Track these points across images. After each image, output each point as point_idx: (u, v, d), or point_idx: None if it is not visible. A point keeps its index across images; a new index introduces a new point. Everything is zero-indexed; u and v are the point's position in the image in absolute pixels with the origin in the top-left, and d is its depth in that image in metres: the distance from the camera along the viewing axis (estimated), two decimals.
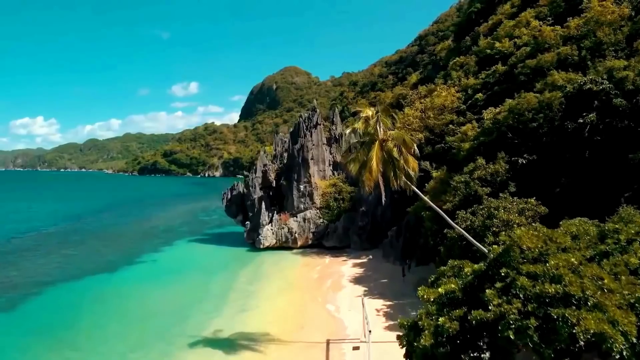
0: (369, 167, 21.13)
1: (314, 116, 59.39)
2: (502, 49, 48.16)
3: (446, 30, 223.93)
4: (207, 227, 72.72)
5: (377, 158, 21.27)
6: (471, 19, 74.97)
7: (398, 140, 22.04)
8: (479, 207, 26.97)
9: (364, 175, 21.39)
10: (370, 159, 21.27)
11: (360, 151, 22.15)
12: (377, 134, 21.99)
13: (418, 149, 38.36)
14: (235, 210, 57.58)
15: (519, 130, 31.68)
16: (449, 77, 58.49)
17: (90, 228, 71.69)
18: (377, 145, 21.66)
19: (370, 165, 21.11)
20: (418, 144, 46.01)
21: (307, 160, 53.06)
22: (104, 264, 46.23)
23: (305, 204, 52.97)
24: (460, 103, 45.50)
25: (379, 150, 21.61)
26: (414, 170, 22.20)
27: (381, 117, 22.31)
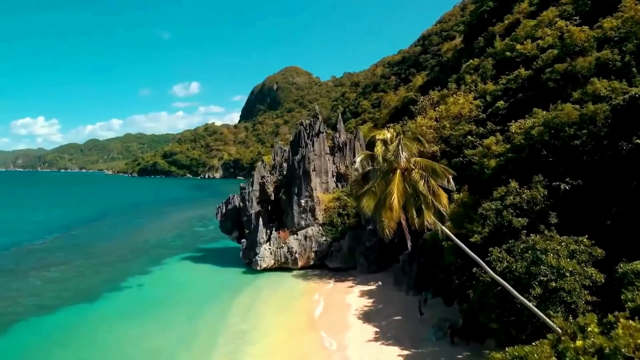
0: (389, 204, 16.60)
1: (316, 123, 54.88)
2: (524, 51, 43.57)
3: (450, 30, 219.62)
4: (201, 240, 68.23)
5: (398, 192, 16.74)
6: (483, 18, 70.35)
7: (426, 170, 17.52)
8: (517, 245, 22.44)
9: (382, 215, 16.87)
10: (391, 194, 16.73)
11: (376, 183, 17.62)
12: (399, 161, 17.47)
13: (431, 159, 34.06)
14: (231, 226, 53.07)
15: (556, 148, 27.13)
16: (462, 81, 53.93)
17: (79, 242, 67.24)
18: (398, 176, 17.13)
19: (390, 202, 16.56)
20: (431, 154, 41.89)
21: (308, 172, 48.53)
22: (85, 290, 41.75)
23: (306, 220, 48.44)
24: (479, 111, 40.92)
25: (401, 182, 17.09)
26: (445, 207, 17.68)
27: (404, 140, 17.78)
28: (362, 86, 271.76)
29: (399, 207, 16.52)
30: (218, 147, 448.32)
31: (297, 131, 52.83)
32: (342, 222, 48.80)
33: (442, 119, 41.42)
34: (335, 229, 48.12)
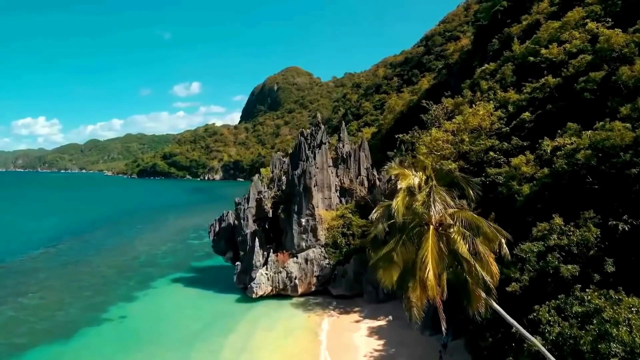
0: (420, 277, 12.21)
1: (318, 133, 50.46)
2: (550, 56, 39.09)
3: (454, 31, 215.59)
4: (194, 257, 63.80)
5: (433, 260, 12.34)
6: (496, 18, 65.89)
7: (470, 228, 13.10)
8: (571, 302, 18.04)
9: (411, 291, 12.48)
10: (422, 260, 12.35)
11: (399, 245, 13.17)
12: (431, 215, 13.07)
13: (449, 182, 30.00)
14: (225, 247, 48.60)
15: (606, 176, 22.71)
16: (477, 87, 49.45)
17: (64, 258, 62.86)
18: (431, 236, 12.74)
19: (423, 276, 12.15)
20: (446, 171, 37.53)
21: (309, 188, 44.09)
22: (61, 323, 37.40)
23: (307, 241, 44.01)
24: (501, 124, 36.44)
25: (435, 244, 12.70)
26: (495, 278, 13.23)
27: (437, 189, 13.35)
28: (364, 87, 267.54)
29: (435, 283, 12.06)
30: (218, 148, 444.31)
31: (297, 142, 48.38)
32: (347, 242, 44.38)
33: (459, 132, 36.95)
34: (339, 251, 43.71)
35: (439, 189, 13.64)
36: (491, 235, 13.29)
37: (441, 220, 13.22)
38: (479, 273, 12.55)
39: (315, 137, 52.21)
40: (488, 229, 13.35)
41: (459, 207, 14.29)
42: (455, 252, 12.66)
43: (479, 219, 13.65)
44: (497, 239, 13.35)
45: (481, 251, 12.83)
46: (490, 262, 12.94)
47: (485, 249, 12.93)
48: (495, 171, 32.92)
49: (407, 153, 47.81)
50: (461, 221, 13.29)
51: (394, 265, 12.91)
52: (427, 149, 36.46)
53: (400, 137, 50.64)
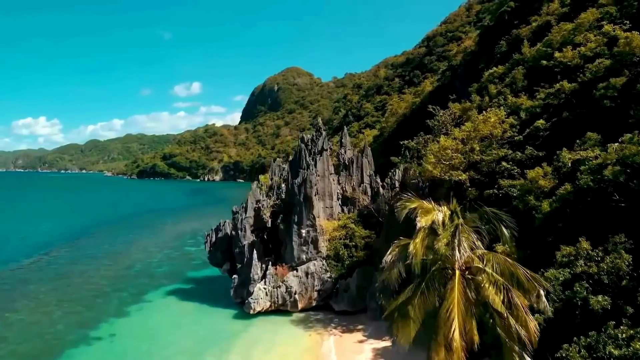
0: (445, 335, 10.15)
1: (319, 139, 48.40)
2: (565, 60, 37.00)
3: (455, 31, 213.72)
4: (191, 265, 61.76)
5: (459, 313, 10.30)
6: (503, 19, 63.82)
7: (504, 274, 11.02)
8: (604, 341, 15.98)
9: (432, 352, 10.42)
10: (447, 315, 10.29)
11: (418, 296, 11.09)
12: (456, 259, 11.01)
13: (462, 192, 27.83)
14: (221, 258, 46.57)
15: (635, 194, 20.65)
16: (485, 92, 47.43)
17: (56, 268, 60.83)
18: (457, 283, 10.69)
19: (446, 331, 10.12)
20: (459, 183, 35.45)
21: (310, 198, 42.03)
22: (46, 344, 35.31)
23: (308, 253, 41.95)
24: (514, 132, 34.36)
25: (462, 294, 10.64)
26: (534, 336, 11.11)
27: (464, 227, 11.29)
28: (365, 88, 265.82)
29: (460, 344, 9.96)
30: (218, 149, 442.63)
31: (297, 149, 46.28)
32: (350, 254, 42.33)
33: (469, 140, 34.87)
34: (341, 264, 41.66)
35: (466, 227, 11.62)
36: (527, 285, 11.20)
37: (468, 264, 11.21)
38: (514, 328, 10.52)
39: (316, 142, 50.15)
40: (524, 277, 11.28)
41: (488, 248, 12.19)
42: (486, 304, 10.66)
43: (513, 264, 11.59)
44: (535, 290, 11.24)
45: (517, 304, 10.77)
46: (528, 318, 10.88)
47: (522, 301, 10.86)
48: (509, 183, 30.85)
49: (413, 160, 45.78)
50: (492, 265, 11.26)
51: (411, 321, 10.87)
52: (435, 158, 34.36)
53: (405, 143, 48.54)
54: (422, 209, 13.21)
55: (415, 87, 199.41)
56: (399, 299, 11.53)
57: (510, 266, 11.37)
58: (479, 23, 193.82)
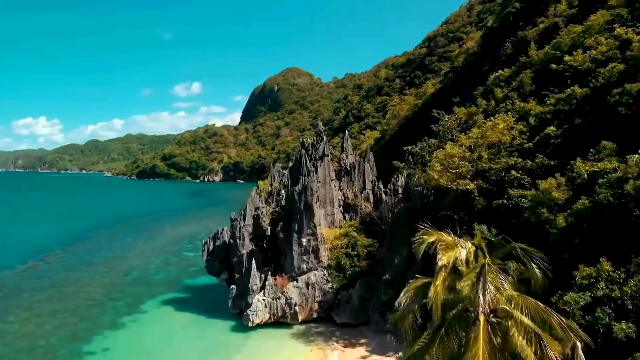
0: None
1: (320, 144, 47.09)
2: (575, 64, 35.66)
3: (456, 32, 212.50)
4: (188, 272, 60.41)
5: None
6: (507, 20, 62.43)
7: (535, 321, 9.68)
8: None
9: None
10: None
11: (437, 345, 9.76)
12: (481, 303, 9.67)
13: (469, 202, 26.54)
14: (219, 267, 45.19)
15: None
16: (491, 96, 46.08)
17: (51, 275, 59.51)
18: (481, 331, 9.37)
19: None
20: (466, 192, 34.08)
21: (311, 205, 40.68)
22: (38, 357, 34.04)
23: (308, 263, 40.60)
24: (523, 139, 33.01)
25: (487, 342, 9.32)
26: None
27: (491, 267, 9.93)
28: (365, 89, 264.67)
29: None
30: (218, 150, 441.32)
31: (298, 155, 44.91)
32: (352, 264, 40.98)
33: (476, 147, 33.52)
34: (343, 274, 40.30)
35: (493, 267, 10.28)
36: (562, 334, 9.87)
37: (495, 306, 9.90)
38: None
39: (316, 147, 48.88)
40: (557, 325, 9.93)
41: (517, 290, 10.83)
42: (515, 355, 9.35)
43: (546, 310, 10.22)
44: (570, 341, 9.91)
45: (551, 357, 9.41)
46: None
47: (556, 354, 9.51)
48: (519, 193, 29.51)
49: (417, 166, 44.43)
50: (521, 309, 9.92)
51: None
52: (441, 166, 33.02)
53: (409, 149, 47.20)
54: (442, 242, 11.85)
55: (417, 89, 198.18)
56: (415, 347, 10.20)
57: (543, 312, 10.00)
58: (480, 23, 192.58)
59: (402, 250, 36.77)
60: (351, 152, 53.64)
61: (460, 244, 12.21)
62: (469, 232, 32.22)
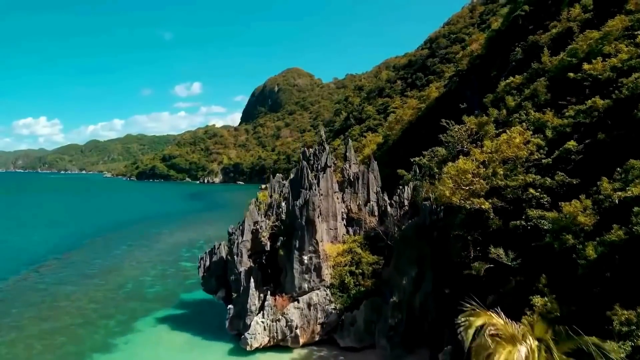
0: None
1: (323, 155, 44.96)
2: (595, 73, 33.46)
3: (459, 33, 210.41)
4: (185, 285, 58.17)
5: None
6: (516, 24, 60.21)
7: None
8: None
9: None
10: None
11: None
12: None
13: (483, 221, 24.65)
14: (216, 285, 43.02)
15: None
16: (502, 104, 43.85)
17: (44, 287, 57.42)
18: None
19: None
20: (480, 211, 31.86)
21: (313, 221, 38.48)
22: None
23: (310, 282, 38.41)
24: (541, 154, 30.80)
25: None
26: None
27: None
28: (367, 90, 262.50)
29: None
30: (218, 151, 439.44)
31: (299, 167, 42.67)
32: (356, 283, 38.81)
33: (491, 163, 31.33)
34: (347, 294, 38.12)
35: None
36: None
37: None
38: None
39: (318, 157, 46.79)
40: None
41: None
42: None
43: None
44: None
45: None
46: None
47: None
48: (538, 214, 27.30)
49: (425, 179, 42.24)
50: None
51: None
52: (453, 182, 30.83)
53: (416, 160, 45.00)
54: (492, 326, 9.63)
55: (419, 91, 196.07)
56: None
57: None
58: (482, 25, 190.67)
59: (410, 271, 34.64)
60: (354, 162, 51.43)
61: (516, 335, 9.94)
62: (483, 254, 30.18)
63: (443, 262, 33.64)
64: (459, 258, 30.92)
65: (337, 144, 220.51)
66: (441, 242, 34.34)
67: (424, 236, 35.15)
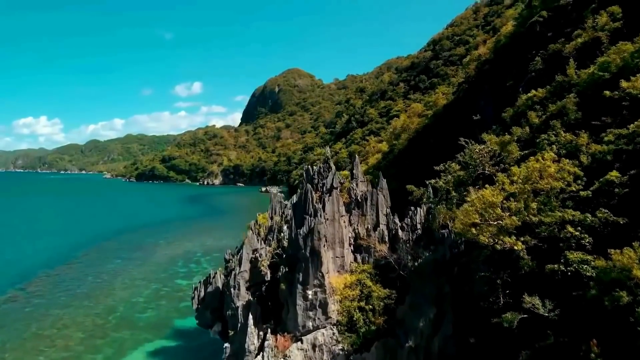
0: None
1: (329, 175, 41.28)
2: (635, 92, 29.81)
3: (462, 35, 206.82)
4: (179, 310, 54.49)
5: None
6: (534, 31, 56.53)
7: None
8: None
9: None
10: None
11: None
12: None
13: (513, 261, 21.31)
14: (211, 318, 39.42)
15: None
16: (524, 120, 40.21)
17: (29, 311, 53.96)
18: None
19: None
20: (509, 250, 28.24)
21: (318, 252, 34.85)
22: None
23: (315, 319, 34.78)
24: (579, 184, 27.11)
25: None
26: None
27: None
28: (369, 93, 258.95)
29: None
30: (218, 152, 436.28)
31: (303, 191, 38.89)
32: (366, 320, 35.15)
33: (521, 194, 27.65)
34: (356, 333, 34.47)
35: None
36: None
37: None
38: None
39: (323, 175, 43.18)
40: None
41: None
42: None
43: None
44: None
45: None
46: None
47: None
48: (580, 257, 23.63)
49: (441, 203, 38.51)
50: None
51: None
52: (478, 216, 27.18)
53: (431, 183, 41.29)
54: None
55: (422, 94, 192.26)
56: None
57: None
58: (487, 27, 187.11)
59: (428, 311, 31.02)
60: (362, 179, 47.72)
61: None
62: (514, 300, 26.58)
63: (465, 302, 30.06)
64: (485, 303, 27.30)
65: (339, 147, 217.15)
66: (463, 280, 30.74)
67: (444, 272, 31.55)
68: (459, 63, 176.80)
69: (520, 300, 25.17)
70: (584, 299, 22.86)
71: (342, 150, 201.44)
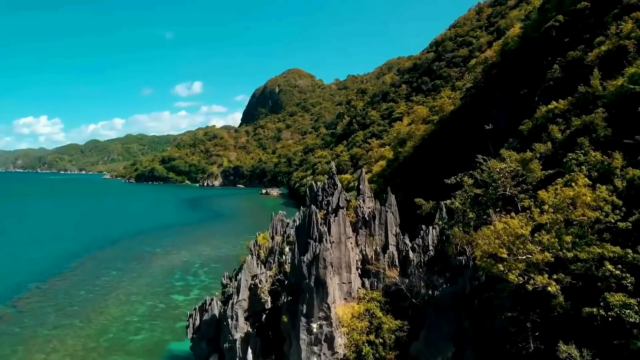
0: None
1: (335, 194, 38.45)
2: None
3: (465, 36, 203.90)
4: (175, 330, 51.48)
5: None
6: (549, 35, 53.62)
7: None
8: None
9: None
10: None
11: None
12: None
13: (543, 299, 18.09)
14: (207, 349, 36.48)
15: None
16: (545, 134, 37.31)
17: (17, 332, 50.98)
18: None
19: None
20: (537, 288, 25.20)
21: (324, 282, 31.95)
22: None
23: (320, 355, 31.89)
24: (617, 214, 24.18)
25: None
26: None
27: None
28: (370, 95, 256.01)
29: None
30: (218, 153, 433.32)
31: (307, 213, 35.89)
32: (376, 354, 32.27)
33: (552, 225, 24.73)
34: None
35: None
36: None
37: None
38: None
39: (328, 192, 40.38)
40: None
41: None
42: None
43: None
44: None
45: None
46: None
47: None
48: (621, 301, 20.80)
49: (457, 224, 35.57)
50: None
51: None
52: (506, 249, 24.28)
53: (446, 204, 38.36)
54: None
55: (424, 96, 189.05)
56: None
57: None
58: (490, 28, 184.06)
59: (446, 350, 28.20)
60: (369, 194, 44.84)
61: None
62: (546, 347, 23.73)
63: (487, 340, 27.24)
64: (513, 347, 24.42)
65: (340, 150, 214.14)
66: (485, 315, 27.92)
67: (463, 306, 28.69)
68: (462, 65, 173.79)
69: (554, 347, 22.36)
70: (627, 350, 20.14)
71: (343, 153, 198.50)
